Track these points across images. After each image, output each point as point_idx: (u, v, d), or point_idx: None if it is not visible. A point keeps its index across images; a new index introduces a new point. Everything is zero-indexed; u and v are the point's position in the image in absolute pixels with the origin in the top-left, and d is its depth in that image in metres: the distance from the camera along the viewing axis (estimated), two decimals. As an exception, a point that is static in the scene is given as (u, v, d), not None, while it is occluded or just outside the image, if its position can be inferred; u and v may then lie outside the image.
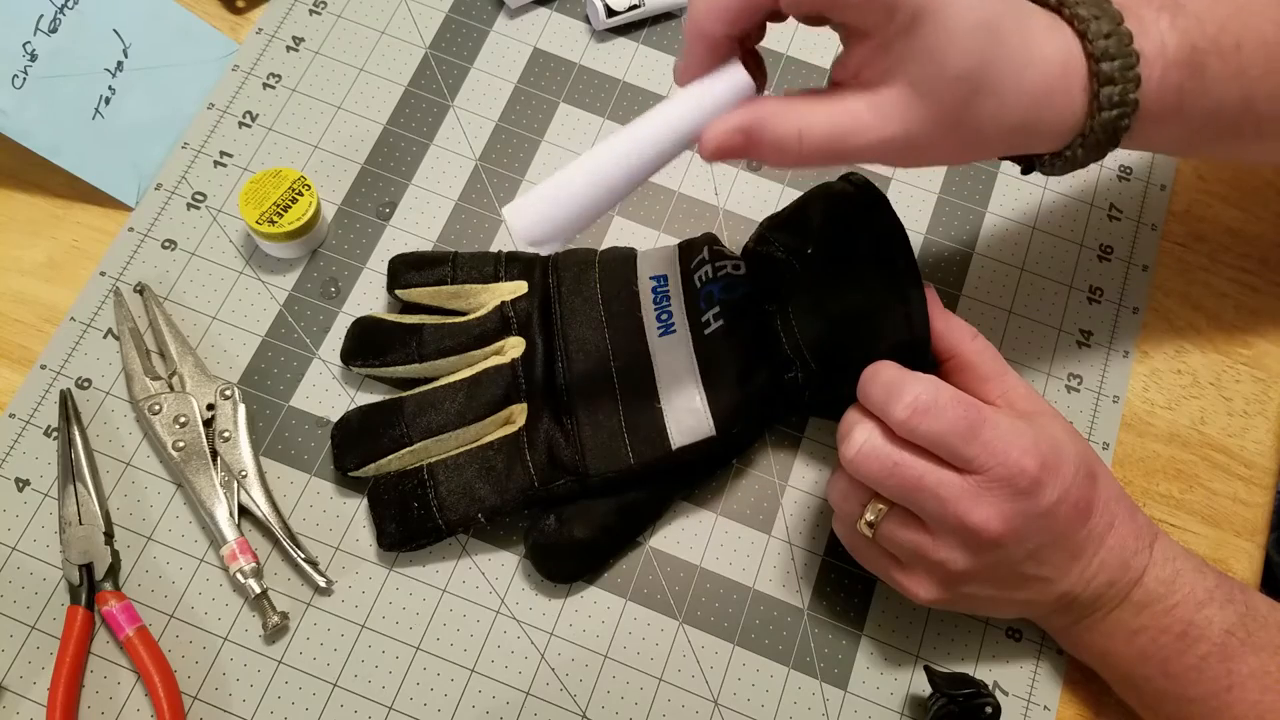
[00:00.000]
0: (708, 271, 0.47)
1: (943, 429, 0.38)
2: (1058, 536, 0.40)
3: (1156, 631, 0.41)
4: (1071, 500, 0.39)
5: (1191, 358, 0.53)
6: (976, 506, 0.38)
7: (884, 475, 0.39)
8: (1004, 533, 0.38)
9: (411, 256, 0.50)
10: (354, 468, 0.46)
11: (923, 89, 0.35)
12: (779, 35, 0.58)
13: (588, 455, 0.45)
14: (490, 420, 0.46)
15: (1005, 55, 0.36)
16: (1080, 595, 0.41)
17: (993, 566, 0.40)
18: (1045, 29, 0.37)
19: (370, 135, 0.55)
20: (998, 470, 0.37)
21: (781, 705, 0.46)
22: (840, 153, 0.36)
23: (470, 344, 0.47)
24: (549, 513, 0.46)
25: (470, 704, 0.45)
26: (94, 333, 0.50)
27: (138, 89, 0.53)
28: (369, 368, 0.48)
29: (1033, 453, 0.38)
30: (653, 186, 0.55)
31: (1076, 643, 0.44)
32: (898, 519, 0.40)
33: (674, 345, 0.46)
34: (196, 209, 0.52)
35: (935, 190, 0.56)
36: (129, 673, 0.44)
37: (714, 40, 0.36)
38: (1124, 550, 0.41)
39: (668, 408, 0.45)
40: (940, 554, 0.39)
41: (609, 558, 0.47)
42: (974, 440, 0.37)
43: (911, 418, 0.38)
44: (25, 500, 0.47)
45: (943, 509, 0.38)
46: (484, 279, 0.49)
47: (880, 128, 0.36)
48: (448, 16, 0.58)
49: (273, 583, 0.46)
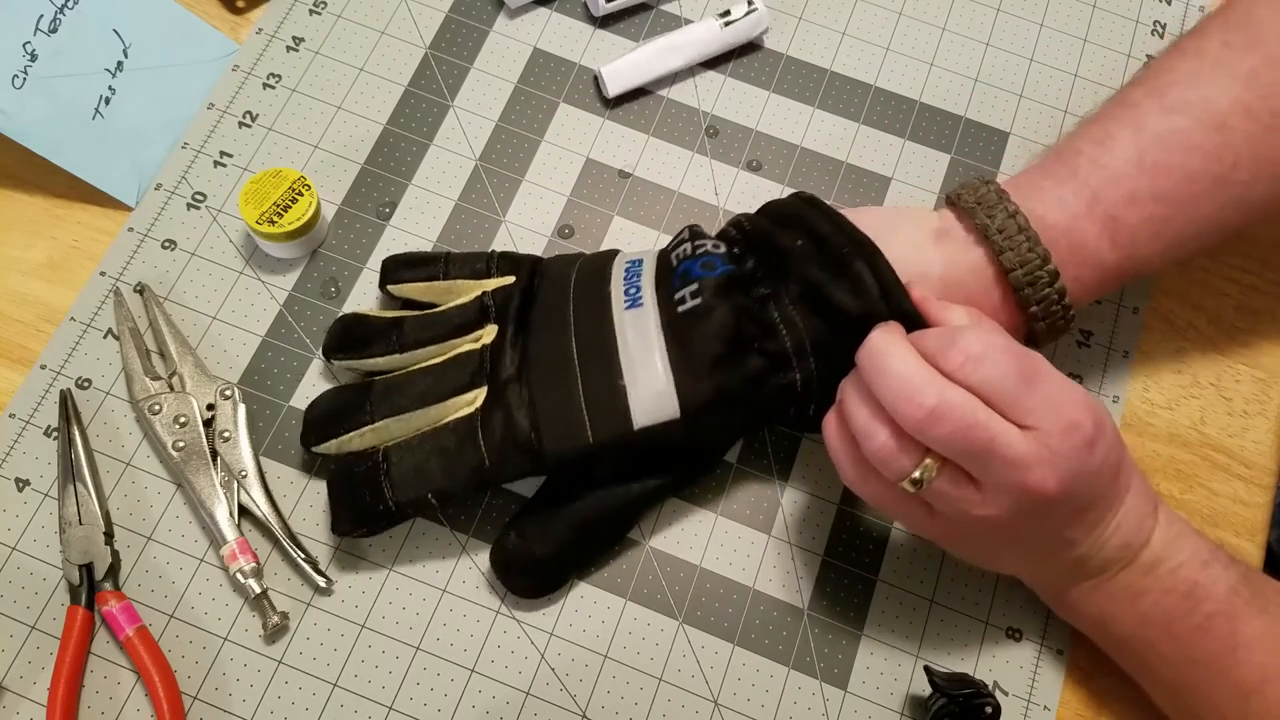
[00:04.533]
0: (686, 249, 0.45)
1: (999, 374, 0.36)
2: (1096, 498, 0.39)
3: (1160, 593, 0.41)
4: (1112, 461, 0.38)
5: (1191, 358, 0.53)
6: (1036, 465, 0.36)
7: (953, 434, 0.36)
8: (1058, 493, 0.37)
9: (404, 256, 0.50)
10: (317, 443, 0.45)
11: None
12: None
13: (544, 433, 0.43)
14: (451, 403, 0.45)
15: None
16: (1094, 557, 0.41)
17: (1032, 524, 0.38)
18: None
19: (370, 135, 0.55)
20: (1056, 424, 0.36)
21: (781, 705, 0.46)
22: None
23: (450, 334, 0.47)
24: (510, 530, 0.45)
25: (470, 704, 0.45)
26: (94, 333, 0.50)
27: (138, 89, 0.53)
28: (350, 360, 0.48)
29: (1086, 407, 0.37)
30: (653, 186, 0.55)
31: (1073, 607, 0.44)
32: (949, 476, 0.38)
33: (640, 319, 0.43)
34: (196, 209, 0.52)
35: (935, 190, 0.56)
36: (129, 673, 0.44)
37: None
38: (1138, 513, 0.40)
39: (631, 385, 0.42)
40: (984, 510, 0.37)
41: (570, 574, 0.47)
42: (1031, 388, 0.36)
43: (967, 363, 0.36)
44: (25, 500, 0.47)
45: (1003, 469, 0.36)
46: (475, 276, 0.48)
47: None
48: (448, 16, 0.58)
49: (273, 583, 0.46)
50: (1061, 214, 0.43)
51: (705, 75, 0.57)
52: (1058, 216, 0.43)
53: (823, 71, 0.58)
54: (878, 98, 0.57)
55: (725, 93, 0.57)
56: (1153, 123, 0.44)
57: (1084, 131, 0.45)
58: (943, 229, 0.44)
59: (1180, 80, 0.44)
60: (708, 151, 0.56)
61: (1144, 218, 0.43)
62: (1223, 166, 0.43)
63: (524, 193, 0.54)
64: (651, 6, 0.59)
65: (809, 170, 0.55)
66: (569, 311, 0.45)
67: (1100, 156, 0.44)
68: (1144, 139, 0.43)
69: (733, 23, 0.56)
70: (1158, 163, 0.43)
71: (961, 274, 0.43)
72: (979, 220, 0.43)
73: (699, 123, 0.56)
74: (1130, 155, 0.43)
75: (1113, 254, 0.43)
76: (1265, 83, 0.43)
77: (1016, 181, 0.45)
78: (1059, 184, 0.44)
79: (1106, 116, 0.45)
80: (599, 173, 0.55)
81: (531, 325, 0.46)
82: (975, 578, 0.48)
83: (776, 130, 0.56)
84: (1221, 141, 0.43)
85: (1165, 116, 0.44)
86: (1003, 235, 0.42)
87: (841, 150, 0.56)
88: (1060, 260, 0.42)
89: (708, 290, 0.42)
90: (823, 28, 0.59)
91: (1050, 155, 0.46)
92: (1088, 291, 0.44)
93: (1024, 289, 0.42)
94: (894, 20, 0.59)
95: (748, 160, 0.55)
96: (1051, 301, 0.43)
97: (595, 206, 0.54)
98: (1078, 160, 0.44)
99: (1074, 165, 0.44)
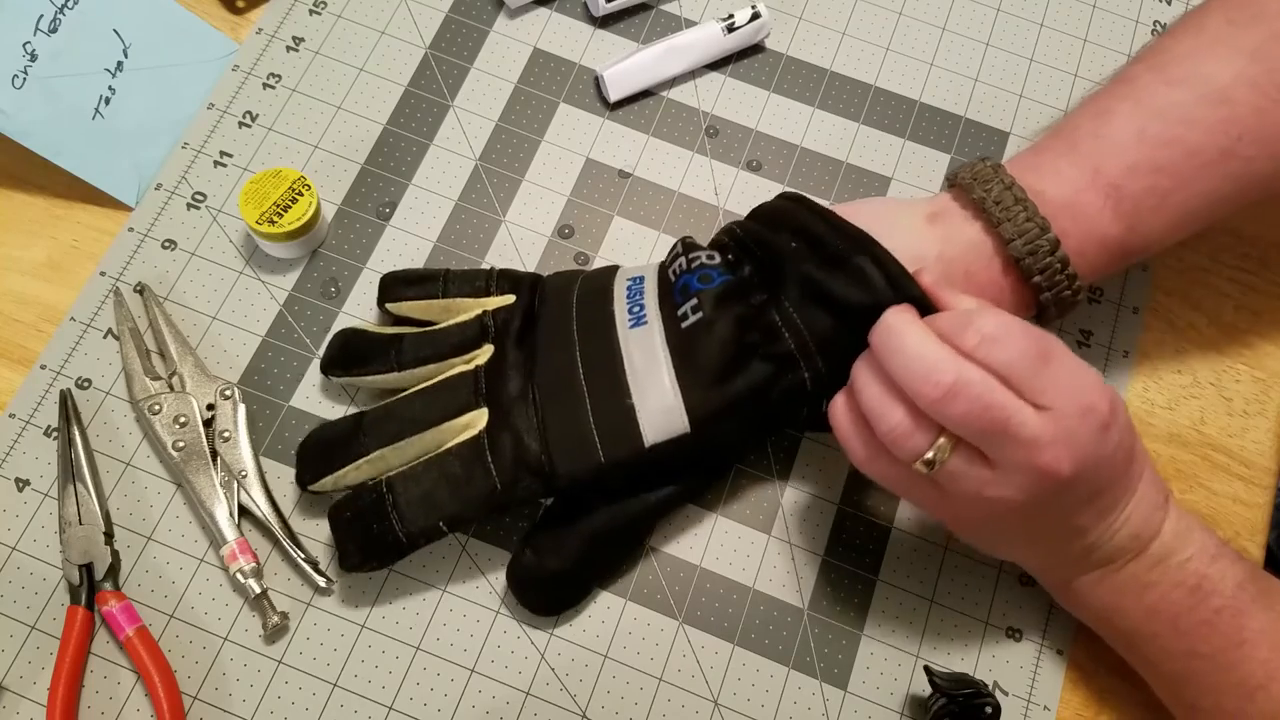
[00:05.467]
0: (682, 264, 0.44)
1: (1014, 355, 0.36)
2: (1108, 485, 0.39)
3: (1169, 586, 0.40)
4: (1125, 447, 0.38)
5: (1191, 358, 0.53)
6: (1051, 446, 0.36)
7: (969, 413, 0.36)
8: (1072, 475, 0.36)
9: (402, 273, 0.50)
10: (312, 480, 0.45)
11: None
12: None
13: (555, 455, 0.42)
14: (448, 426, 0.44)
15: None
16: (1103, 546, 0.40)
17: (1043, 508, 0.38)
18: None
19: (370, 135, 0.55)
20: (1071, 405, 0.36)
21: (781, 705, 0.46)
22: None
23: (449, 352, 0.46)
24: (525, 546, 0.45)
25: (470, 704, 0.45)
26: (94, 333, 0.50)
27: (138, 89, 0.53)
28: (348, 376, 0.47)
29: (1100, 390, 0.37)
30: (653, 186, 0.55)
31: (1079, 598, 0.43)
32: (963, 456, 0.37)
33: (645, 337, 0.43)
34: (196, 209, 0.52)
35: (935, 190, 0.56)
36: (129, 673, 0.44)
37: None
38: (1149, 503, 0.40)
39: (640, 403, 0.42)
40: (996, 490, 0.37)
41: (589, 589, 0.46)
42: (1046, 369, 0.36)
43: (983, 343, 0.36)
44: (25, 500, 0.47)
45: (1017, 449, 0.36)
46: (474, 294, 0.48)
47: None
48: (448, 16, 0.58)
49: (273, 583, 0.46)
50: (1062, 186, 0.43)
51: (705, 76, 0.57)
52: (1059, 189, 0.43)
53: (823, 71, 0.58)
54: (878, 98, 0.57)
55: (725, 93, 0.57)
56: (1153, 96, 0.44)
57: (1084, 108, 0.45)
58: (936, 211, 0.44)
59: (1181, 55, 0.44)
60: (708, 151, 0.56)
61: (1146, 189, 0.43)
62: (1227, 140, 0.43)
63: (524, 193, 0.54)
64: (652, 6, 0.59)
65: (809, 170, 0.55)
66: (573, 331, 0.45)
67: (1100, 130, 0.44)
68: (1144, 112, 0.43)
69: (736, 29, 0.56)
70: (1158, 135, 0.43)
71: (960, 250, 0.43)
72: (975, 195, 0.43)
73: (699, 123, 0.56)
74: (1131, 128, 0.43)
75: (1115, 226, 0.43)
76: (1272, 57, 0.43)
77: (1016, 159, 0.45)
78: (1058, 157, 0.44)
79: (1106, 93, 0.45)
80: (599, 173, 0.55)
81: (536, 346, 0.45)
82: (975, 578, 0.48)
83: (776, 130, 0.56)
84: (1226, 115, 0.43)
85: (1166, 90, 0.44)
86: (999, 207, 0.42)
87: (841, 150, 0.56)
88: (1062, 232, 0.42)
89: (707, 303, 0.42)
90: (823, 28, 0.59)
91: (1050, 133, 0.46)
92: (1092, 266, 0.44)
93: (1024, 259, 0.42)
94: (894, 20, 0.59)
95: (748, 160, 0.55)
96: (1055, 271, 0.42)
97: (595, 206, 0.54)
98: (1077, 134, 0.44)
99: (1073, 139, 0.44)
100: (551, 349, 0.45)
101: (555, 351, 0.45)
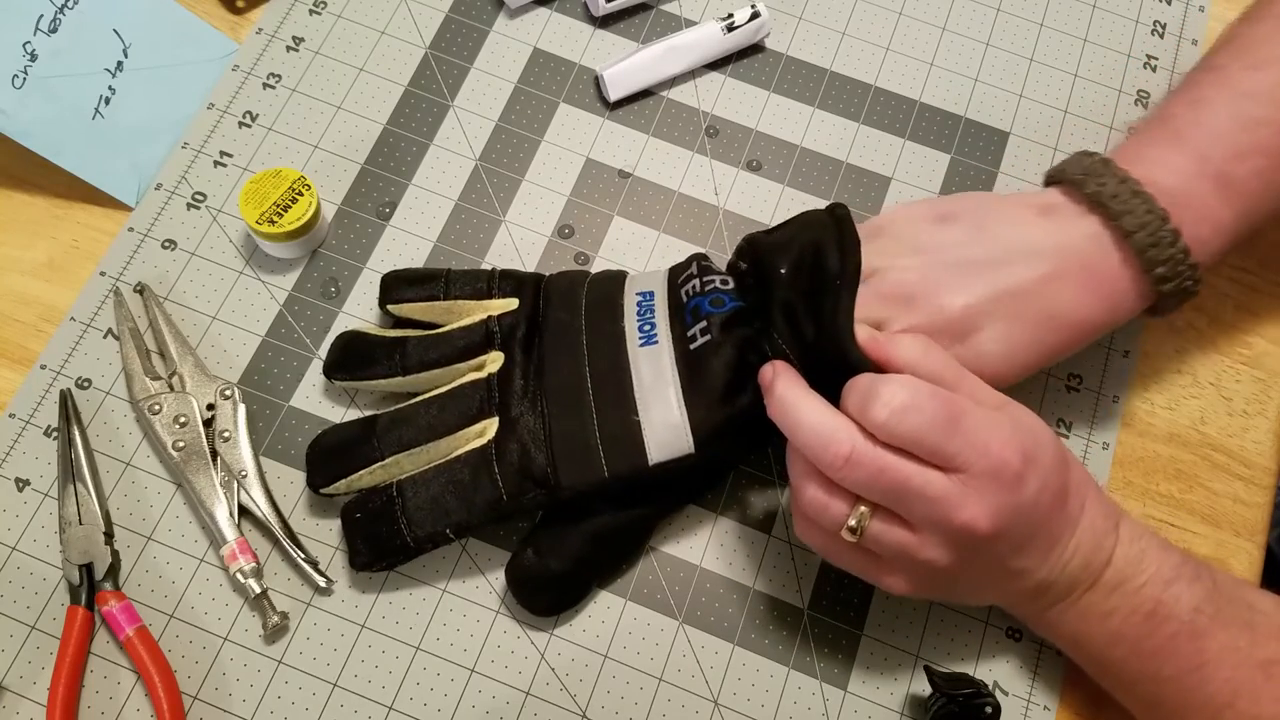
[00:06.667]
0: (695, 285, 0.45)
1: (922, 424, 0.37)
2: (1038, 527, 0.39)
3: (1127, 612, 0.41)
4: (1051, 488, 0.39)
5: (1191, 358, 0.53)
6: (964, 505, 0.37)
7: (872, 479, 0.37)
8: (992, 530, 0.37)
9: (404, 273, 0.50)
10: (325, 484, 0.45)
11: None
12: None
13: (559, 466, 0.43)
14: (461, 435, 0.45)
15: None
16: (1056, 581, 0.41)
17: (977, 562, 0.39)
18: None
19: (370, 135, 0.55)
20: (981, 465, 0.37)
21: (781, 705, 0.46)
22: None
23: (454, 357, 0.46)
24: (526, 546, 0.45)
25: (470, 704, 0.45)
26: (94, 333, 0.50)
27: (138, 89, 0.53)
28: (352, 380, 0.48)
29: (1013, 444, 0.38)
30: (653, 186, 0.55)
31: (1049, 628, 0.44)
32: (883, 521, 0.39)
33: (655, 356, 0.44)
34: (196, 209, 0.52)
35: (936, 190, 0.56)
36: (129, 673, 0.44)
37: None
38: (1096, 532, 0.41)
39: (646, 421, 0.43)
40: (926, 553, 0.38)
41: (589, 589, 0.47)
42: (955, 434, 0.37)
43: (891, 417, 0.37)
44: (25, 500, 0.47)
45: (930, 509, 0.37)
46: (476, 295, 0.48)
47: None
48: (448, 16, 0.58)
49: (273, 583, 0.46)
50: (1172, 176, 0.43)
51: (705, 75, 0.57)
52: (1170, 179, 0.43)
53: (823, 71, 0.58)
54: (878, 98, 0.57)
55: (725, 93, 0.57)
56: (1241, 81, 0.45)
57: (1174, 99, 0.46)
58: (1047, 204, 0.44)
59: (1262, 39, 0.45)
60: (708, 151, 0.56)
61: (1251, 172, 0.44)
62: None
63: (524, 193, 0.54)
64: (651, 6, 0.59)
65: (809, 170, 0.55)
66: (582, 344, 0.46)
67: (1199, 118, 0.44)
68: (1237, 97, 0.44)
69: (736, 28, 0.56)
70: (1253, 117, 0.44)
71: (1077, 243, 0.43)
72: (1089, 190, 0.43)
73: (699, 123, 0.56)
74: (1227, 113, 0.44)
75: (1228, 210, 0.44)
76: None
77: (1118, 152, 0.45)
78: (1164, 148, 0.44)
79: (1194, 83, 0.46)
80: (599, 173, 0.55)
81: (543, 355, 0.46)
82: (975, 578, 0.48)
83: (776, 130, 0.56)
84: None
85: (1252, 74, 0.45)
86: (1117, 200, 0.42)
87: (841, 150, 0.56)
88: (1178, 221, 0.42)
89: (715, 327, 0.43)
90: (823, 28, 0.59)
91: (1146, 125, 0.46)
92: (1209, 254, 0.44)
93: (1147, 250, 0.42)
94: (894, 20, 0.59)
95: (748, 160, 0.55)
96: (1178, 261, 0.43)
97: (595, 206, 0.54)
98: (1176, 124, 0.45)
99: (1174, 129, 0.45)
100: (560, 359, 0.45)
101: (564, 362, 0.45)
